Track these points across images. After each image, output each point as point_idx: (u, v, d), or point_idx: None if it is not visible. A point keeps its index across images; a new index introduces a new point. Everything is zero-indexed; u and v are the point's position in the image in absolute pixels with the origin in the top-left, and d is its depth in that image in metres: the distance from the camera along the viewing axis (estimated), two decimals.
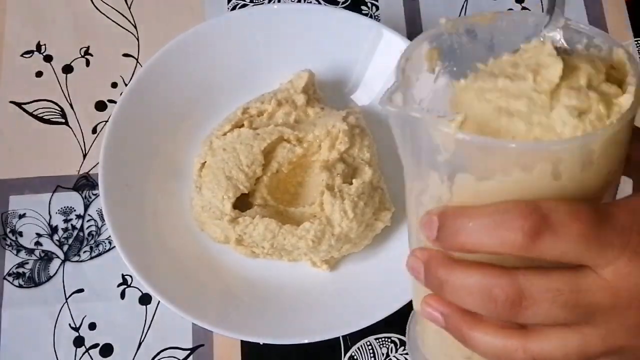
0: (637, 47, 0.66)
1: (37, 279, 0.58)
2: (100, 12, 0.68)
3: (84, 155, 0.62)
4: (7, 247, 0.59)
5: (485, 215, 0.30)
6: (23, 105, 0.64)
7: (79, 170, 0.62)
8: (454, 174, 0.31)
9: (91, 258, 0.59)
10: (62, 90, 0.65)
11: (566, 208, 0.29)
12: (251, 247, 0.56)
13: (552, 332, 0.32)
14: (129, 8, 0.68)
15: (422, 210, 0.33)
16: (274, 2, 0.68)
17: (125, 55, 0.66)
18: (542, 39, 0.32)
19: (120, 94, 0.58)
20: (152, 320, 0.57)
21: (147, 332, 0.56)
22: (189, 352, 0.56)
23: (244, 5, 0.68)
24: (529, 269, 0.31)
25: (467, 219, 0.31)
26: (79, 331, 0.56)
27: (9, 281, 0.58)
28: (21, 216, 0.60)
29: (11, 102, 0.64)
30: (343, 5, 0.68)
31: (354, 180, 0.56)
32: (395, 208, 0.57)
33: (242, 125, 0.58)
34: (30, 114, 0.64)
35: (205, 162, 0.58)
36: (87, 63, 0.66)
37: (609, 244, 0.30)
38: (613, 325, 0.31)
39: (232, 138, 0.57)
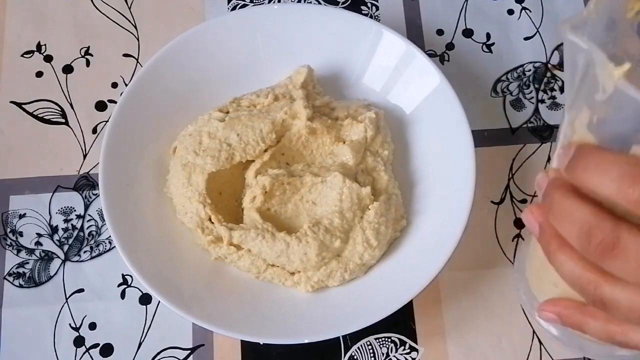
0: None
1: (37, 279, 0.58)
2: (100, 12, 0.68)
3: (84, 155, 0.62)
4: (7, 247, 0.59)
5: (616, 163, 0.32)
6: (23, 105, 0.64)
7: (79, 170, 0.62)
8: (605, 119, 0.33)
9: (91, 258, 0.59)
10: (62, 90, 0.65)
11: None
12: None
13: (630, 284, 0.34)
14: (129, 8, 0.68)
15: (566, 136, 0.36)
16: (274, 2, 0.68)
17: (125, 55, 0.66)
18: None
19: (120, 94, 0.58)
20: (152, 320, 0.57)
21: (147, 332, 0.56)
22: (189, 352, 0.56)
23: (244, 5, 0.68)
24: (637, 226, 0.32)
25: (598, 160, 0.33)
26: (79, 331, 0.56)
27: (9, 281, 0.58)
28: (21, 216, 0.60)
29: (11, 102, 0.64)
30: (343, 5, 0.68)
31: (370, 207, 0.55)
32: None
33: (228, 113, 0.58)
34: (30, 114, 0.64)
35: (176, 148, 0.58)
36: (87, 63, 0.66)
37: None
38: None
39: (202, 122, 0.57)
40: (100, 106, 0.64)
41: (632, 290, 0.34)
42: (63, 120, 0.63)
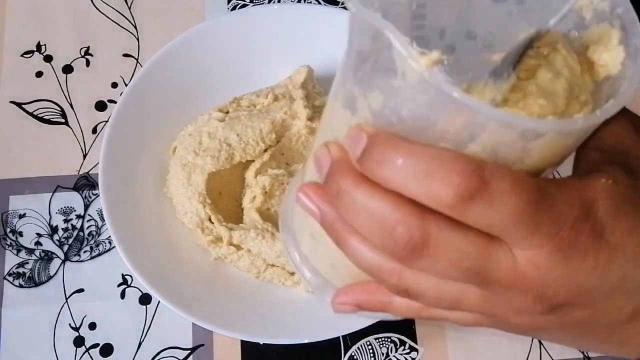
0: None
1: (37, 279, 0.58)
2: (100, 12, 0.68)
3: (84, 155, 0.62)
4: (7, 247, 0.59)
5: (421, 157, 0.26)
6: (23, 105, 0.64)
7: (79, 170, 0.62)
8: (401, 106, 0.27)
9: (91, 258, 0.59)
10: (62, 90, 0.65)
11: (511, 179, 0.26)
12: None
13: None
14: (129, 8, 0.68)
15: (348, 117, 0.29)
16: (274, 2, 0.68)
17: (125, 55, 0.66)
18: None
19: (120, 94, 0.58)
20: (152, 320, 0.57)
21: (147, 332, 0.56)
22: (189, 352, 0.56)
23: (244, 5, 0.68)
24: (445, 219, 0.27)
25: (399, 153, 0.27)
26: (79, 331, 0.56)
27: (9, 281, 0.58)
28: (21, 216, 0.60)
29: (11, 102, 0.64)
30: (343, 6, 0.68)
31: None
32: None
33: (227, 113, 0.58)
34: (30, 114, 0.64)
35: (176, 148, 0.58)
36: (87, 63, 0.66)
37: (538, 230, 0.27)
38: (499, 297, 0.29)
39: (202, 122, 0.57)
40: (100, 106, 0.64)
41: (440, 279, 0.30)
42: (63, 120, 0.63)
